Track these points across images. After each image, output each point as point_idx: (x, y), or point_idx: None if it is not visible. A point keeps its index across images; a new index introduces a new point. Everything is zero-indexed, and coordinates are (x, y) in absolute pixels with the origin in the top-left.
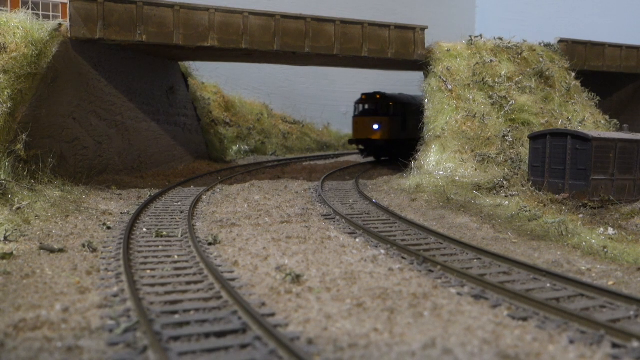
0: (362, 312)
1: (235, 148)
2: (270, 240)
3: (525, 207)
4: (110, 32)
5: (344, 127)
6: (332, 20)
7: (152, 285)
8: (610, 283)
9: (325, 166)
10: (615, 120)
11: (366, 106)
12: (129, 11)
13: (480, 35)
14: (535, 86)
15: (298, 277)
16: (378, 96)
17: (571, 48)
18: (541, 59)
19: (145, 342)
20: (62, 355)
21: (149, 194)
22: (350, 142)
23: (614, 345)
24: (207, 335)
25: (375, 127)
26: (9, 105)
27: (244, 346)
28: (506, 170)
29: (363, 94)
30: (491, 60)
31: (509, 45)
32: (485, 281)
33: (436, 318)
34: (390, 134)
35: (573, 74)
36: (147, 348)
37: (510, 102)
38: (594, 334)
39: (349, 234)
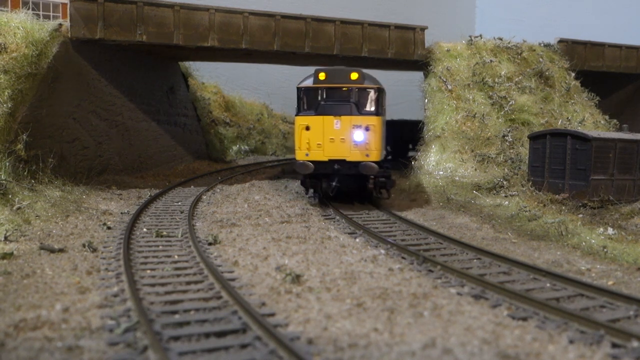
0: (362, 312)
1: (235, 148)
2: (270, 240)
3: (525, 207)
4: (111, 32)
5: None
6: (332, 20)
7: (152, 285)
8: (610, 283)
9: None
10: (615, 120)
11: (329, 96)
12: (129, 11)
13: (480, 36)
14: (535, 86)
15: (298, 277)
16: (356, 75)
17: (571, 48)
18: (541, 59)
19: (145, 342)
20: (63, 355)
21: (149, 194)
22: (300, 169)
23: (614, 345)
24: (207, 335)
25: (358, 137)
26: (9, 105)
27: (244, 346)
28: (506, 170)
29: (319, 71)
30: (491, 61)
31: (509, 45)
32: (485, 281)
33: (436, 318)
34: (381, 149)
35: (573, 74)
36: (147, 348)
37: (510, 102)
38: (593, 333)
39: (349, 234)
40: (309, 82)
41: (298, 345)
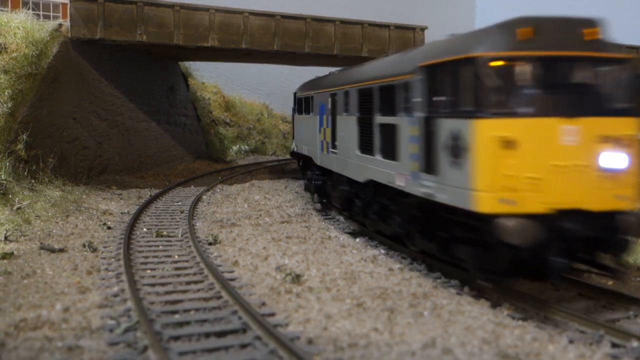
0: (362, 312)
1: (235, 148)
2: (270, 240)
3: None
4: (111, 32)
5: None
6: (332, 20)
7: (153, 285)
8: (610, 283)
9: None
10: None
11: (548, 77)
12: (129, 11)
13: None
14: None
15: (298, 277)
16: (595, 31)
17: None
18: None
19: (146, 342)
20: (63, 354)
21: (149, 193)
22: (508, 234)
23: (614, 345)
24: (207, 335)
25: (614, 161)
26: (10, 105)
27: (244, 346)
28: None
29: (522, 23)
30: None
31: None
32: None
33: (436, 318)
34: None
35: None
36: (148, 348)
37: None
38: (593, 333)
39: (349, 233)
40: (497, 46)
41: (298, 345)
